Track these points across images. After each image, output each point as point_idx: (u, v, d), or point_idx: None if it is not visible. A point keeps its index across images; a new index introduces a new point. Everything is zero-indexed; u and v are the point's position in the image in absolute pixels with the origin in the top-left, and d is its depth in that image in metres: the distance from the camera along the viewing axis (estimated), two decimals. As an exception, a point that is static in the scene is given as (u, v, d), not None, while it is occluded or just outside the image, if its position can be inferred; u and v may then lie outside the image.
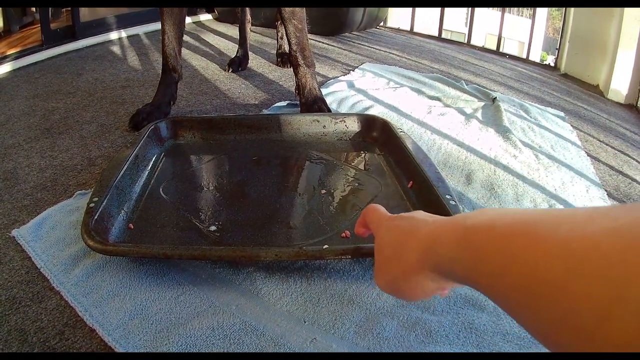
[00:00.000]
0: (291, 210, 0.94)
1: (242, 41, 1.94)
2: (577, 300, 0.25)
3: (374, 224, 0.56)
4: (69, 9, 2.12)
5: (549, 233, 0.29)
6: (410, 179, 1.00)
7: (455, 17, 9.12)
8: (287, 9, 1.33)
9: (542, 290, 0.28)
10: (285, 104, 1.52)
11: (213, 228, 0.86)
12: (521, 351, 0.66)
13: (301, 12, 1.35)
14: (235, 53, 1.96)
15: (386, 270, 0.49)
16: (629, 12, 2.11)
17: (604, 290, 0.24)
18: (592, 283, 0.25)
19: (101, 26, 2.27)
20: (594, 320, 0.24)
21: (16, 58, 1.86)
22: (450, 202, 0.85)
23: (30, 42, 2.00)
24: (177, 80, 1.40)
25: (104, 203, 0.83)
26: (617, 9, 2.16)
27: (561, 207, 1.03)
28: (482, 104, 1.64)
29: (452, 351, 0.65)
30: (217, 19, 3.00)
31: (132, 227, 0.86)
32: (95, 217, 0.79)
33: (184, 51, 2.10)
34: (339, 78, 1.86)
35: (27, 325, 0.67)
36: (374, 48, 2.54)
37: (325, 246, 0.74)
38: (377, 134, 1.23)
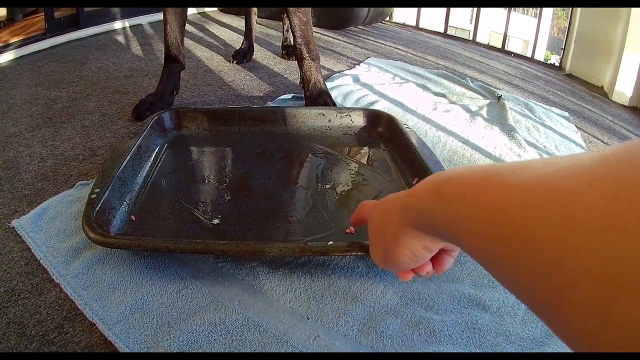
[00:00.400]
0: (295, 204, 0.93)
1: (248, 33, 1.93)
2: (532, 243, 0.25)
3: (367, 213, 0.58)
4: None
5: (510, 178, 0.29)
6: (416, 175, 0.99)
7: (461, 14, 9.10)
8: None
9: (503, 232, 0.28)
10: (290, 97, 1.51)
11: (216, 221, 0.85)
12: (523, 352, 0.65)
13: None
14: (241, 44, 1.95)
15: (378, 244, 0.52)
16: (636, 14, 2.10)
17: (555, 232, 0.24)
18: (545, 224, 0.25)
19: (105, 15, 2.26)
20: (547, 263, 0.24)
21: (19, 46, 1.85)
22: None
23: (33, 31, 1.99)
24: (180, 70, 1.39)
25: (105, 194, 0.82)
26: (624, 11, 2.15)
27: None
28: (487, 101, 1.62)
29: (455, 351, 0.64)
30: (222, 10, 2.98)
31: (134, 219, 0.85)
32: (97, 209, 0.78)
33: (189, 42, 2.09)
34: (344, 72, 1.85)
35: (26, 318, 0.66)
36: (379, 43, 2.52)
37: (331, 242, 0.73)
38: (382, 129, 1.22)
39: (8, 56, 1.78)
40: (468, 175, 0.34)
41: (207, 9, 2.92)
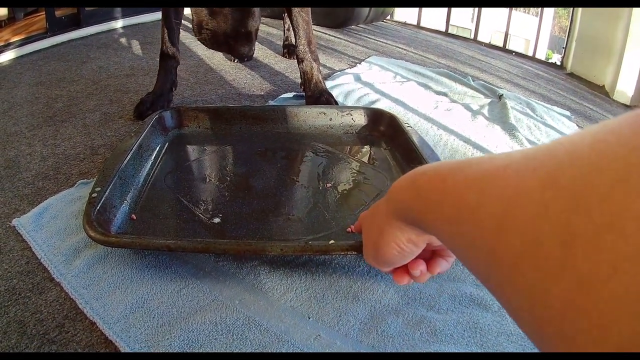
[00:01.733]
0: (296, 203, 0.92)
1: None
2: (479, 221, 0.28)
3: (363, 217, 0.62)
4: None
5: (473, 168, 0.32)
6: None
7: (462, 12, 9.09)
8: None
9: (459, 214, 0.31)
10: (291, 96, 1.51)
11: (216, 220, 0.85)
12: (524, 352, 0.65)
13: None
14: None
15: (368, 239, 0.55)
16: (637, 13, 2.09)
17: (497, 207, 0.27)
18: (489, 203, 0.28)
19: (106, 14, 2.26)
20: (493, 233, 0.27)
21: (20, 45, 1.85)
22: None
23: (35, 30, 1.99)
24: (176, 65, 1.39)
25: (106, 193, 0.82)
26: (625, 10, 2.14)
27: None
28: (489, 100, 1.62)
29: (456, 350, 0.64)
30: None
31: (135, 218, 0.84)
32: (98, 208, 0.78)
33: (189, 40, 2.09)
34: (345, 70, 1.85)
35: (27, 317, 0.66)
36: (380, 41, 2.52)
37: (332, 241, 0.72)
38: (384, 128, 1.21)
39: (9, 55, 1.78)
40: (440, 168, 0.37)
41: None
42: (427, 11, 3.35)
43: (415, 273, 0.56)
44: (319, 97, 1.37)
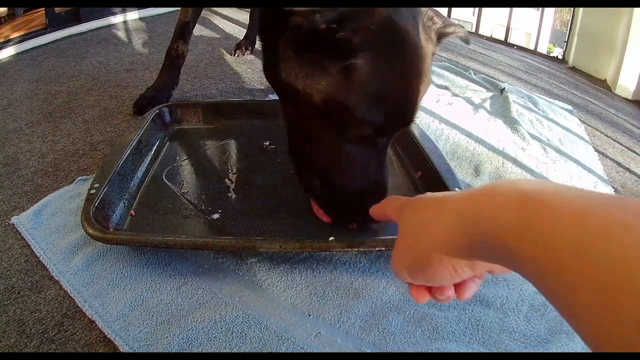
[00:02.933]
0: (296, 199, 0.92)
1: (252, 25, 1.90)
2: None
3: (395, 210, 0.51)
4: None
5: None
6: (419, 169, 0.98)
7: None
8: None
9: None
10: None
11: (216, 216, 0.85)
12: (527, 349, 0.65)
13: None
14: (243, 37, 1.93)
15: (408, 250, 0.44)
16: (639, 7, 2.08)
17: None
18: None
19: (106, 9, 2.24)
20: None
21: (20, 41, 1.84)
22: None
23: (34, 26, 1.98)
24: (182, 64, 1.38)
25: (105, 189, 0.82)
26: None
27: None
28: (491, 94, 1.61)
29: (458, 348, 0.63)
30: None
31: (134, 214, 0.84)
32: (96, 204, 0.78)
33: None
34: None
35: (26, 316, 0.66)
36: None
37: (331, 238, 0.72)
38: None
39: (9, 51, 1.77)
40: (566, 203, 0.30)
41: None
42: (428, 4, 3.33)
43: (441, 300, 0.46)
44: None
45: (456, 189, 0.85)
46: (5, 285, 0.71)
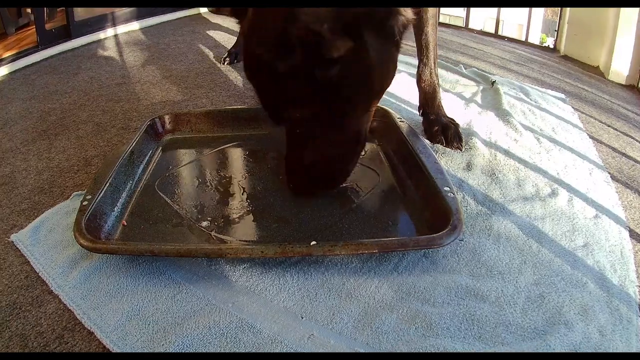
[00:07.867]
0: (286, 204, 0.93)
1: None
2: None
3: None
4: (64, 8, 2.10)
5: None
6: (409, 170, 0.99)
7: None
8: None
9: None
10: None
11: (204, 224, 0.86)
12: (524, 342, 0.64)
13: None
14: (232, 45, 1.94)
15: None
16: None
17: None
18: None
19: (96, 24, 2.25)
20: None
21: (13, 60, 1.85)
22: (449, 194, 0.84)
23: (26, 44, 1.99)
24: None
25: (96, 201, 0.84)
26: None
27: (564, 190, 1.01)
28: (481, 87, 1.62)
29: (453, 344, 0.63)
30: (214, 11, 2.97)
31: (125, 223, 0.86)
32: (88, 216, 0.80)
33: (180, 44, 2.09)
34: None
35: (28, 331, 0.67)
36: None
37: (313, 242, 0.73)
38: (376, 124, 1.20)
39: (2, 71, 1.78)
40: None
41: (201, 10, 2.91)
42: (418, 1, 3.33)
43: None
44: (444, 129, 1.22)
45: (445, 188, 0.85)
46: (7, 301, 0.72)
